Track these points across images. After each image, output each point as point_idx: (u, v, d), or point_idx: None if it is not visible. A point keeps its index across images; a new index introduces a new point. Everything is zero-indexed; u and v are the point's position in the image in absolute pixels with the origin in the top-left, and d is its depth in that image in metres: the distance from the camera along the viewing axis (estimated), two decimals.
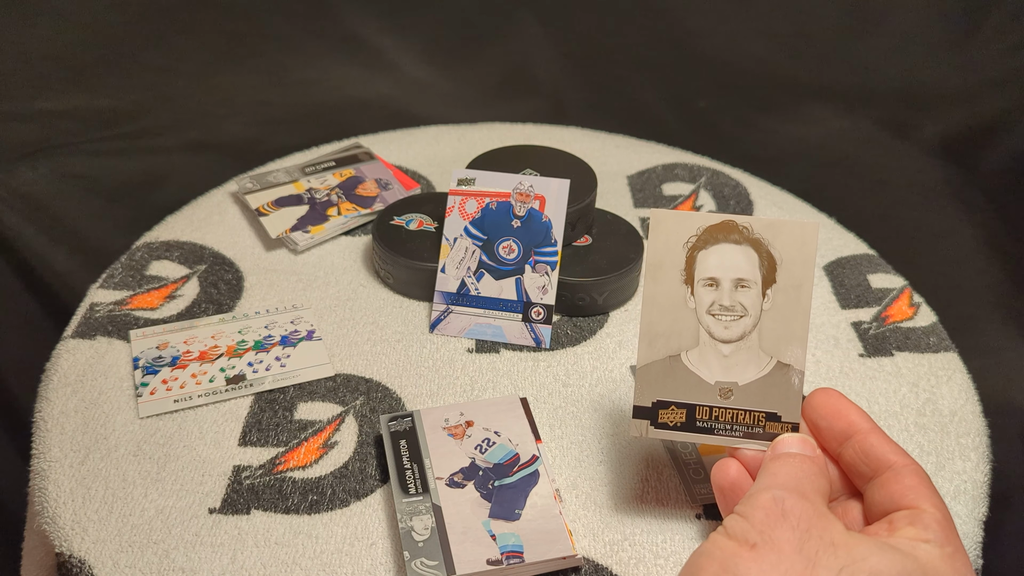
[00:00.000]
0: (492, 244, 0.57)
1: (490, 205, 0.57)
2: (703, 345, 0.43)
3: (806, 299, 0.43)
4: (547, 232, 0.57)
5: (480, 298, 0.57)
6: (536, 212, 0.57)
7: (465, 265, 0.57)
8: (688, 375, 0.42)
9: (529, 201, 0.57)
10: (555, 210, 0.57)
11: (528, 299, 0.57)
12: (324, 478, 0.48)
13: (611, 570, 0.44)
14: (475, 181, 0.58)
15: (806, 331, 0.42)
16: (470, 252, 0.57)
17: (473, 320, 0.57)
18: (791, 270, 0.43)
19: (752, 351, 0.42)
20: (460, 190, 0.58)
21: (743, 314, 0.43)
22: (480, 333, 0.57)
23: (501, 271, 0.57)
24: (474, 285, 0.57)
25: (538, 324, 0.57)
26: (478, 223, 0.57)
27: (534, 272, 0.57)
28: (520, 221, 0.57)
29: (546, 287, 0.57)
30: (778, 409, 0.42)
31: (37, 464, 0.49)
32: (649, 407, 0.42)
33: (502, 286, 0.57)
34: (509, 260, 0.57)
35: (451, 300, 0.57)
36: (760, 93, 0.85)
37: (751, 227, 0.43)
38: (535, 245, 0.57)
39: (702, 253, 0.43)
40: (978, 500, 0.49)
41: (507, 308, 0.57)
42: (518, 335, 0.57)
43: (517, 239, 0.57)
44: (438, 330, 0.57)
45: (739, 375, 0.42)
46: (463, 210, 0.58)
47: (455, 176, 0.59)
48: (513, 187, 0.58)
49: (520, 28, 0.87)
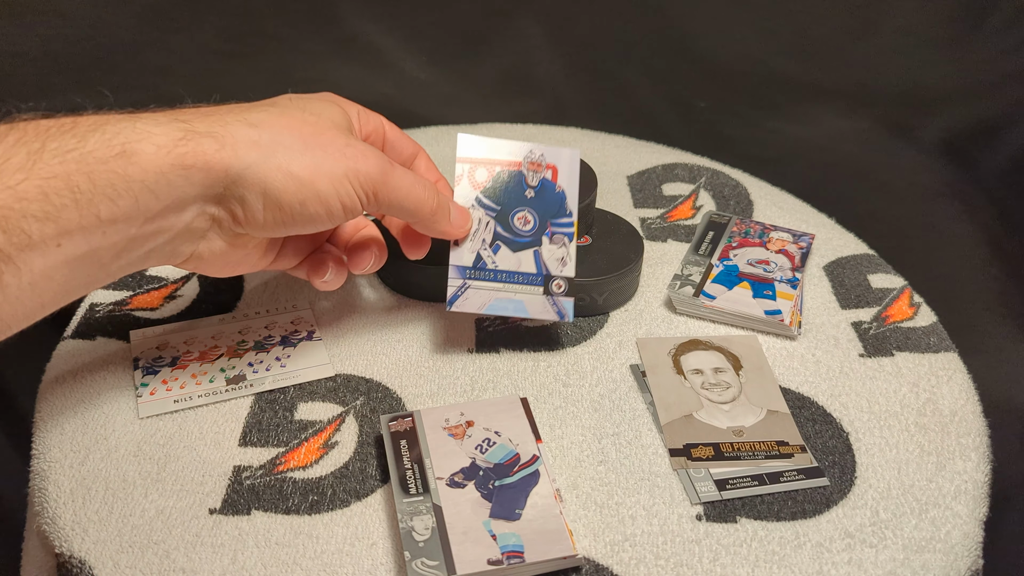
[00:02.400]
0: (507, 215, 0.54)
1: (501, 174, 0.54)
2: (708, 406, 0.53)
3: (769, 373, 0.56)
4: (561, 203, 0.55)
5: (499, 271, 0.53)
6: (549, 182, 0.55)
7: (480, 237, 0.53)
8: (703, 426, 0.52)
9: (541, 171, 0.55)
10: (568, 180, 0.55)
11: (548, 271, 0.54)
12: (324, 478, 0.48)
13: (612, 570, 0.44)
14: (484, 148, 0.55)
15: (779, 392, 0.54)
16: (484, 223, 0.54)
17: (493, 295, 0.53)
18: (750, 359, 0.57)
19: (746, 406, 0.53)
20: (468, 157, 0.54)
21: (729, 385, 0.54)
22: (501, 308, 0.53)
23: (518, 243, 0.54)
24: (491, 258, 0.53)
25: (560, 297, 0.54)
26: (490, 193, 0.54)
27: (552, 243, 0.54)
28: (533, 191, 0.55)
29: (565, 259, 0.54)
30: (783, 437, 0.51)
31: (37, 464, 0.49)
32: (681, 448, 0.50)
33: (520, 258, 0.54)
34: (525, 232, 0.54)
35: (467, 275, 0.53)
36: (760, 93, 0.85)
37: (711, 341, 0.58)
38: (551, 216, 0.55)
39: (683, 357, 0.56)
40: (978, 500, 0.49)
41: (527, 281, 0.54)
42: (540, 309, 0.54)
43: (532, 209, 0.54)
44: (456, 307, 0.53)
45: (742, 421, 0.52)
46: (473, 179, 0.54)
47: (462, 142, 0.54)
48: (524, 156, 0.55)
49: (520, 28, 0.87)
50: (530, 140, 0.77)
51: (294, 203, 0.43)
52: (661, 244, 0.67)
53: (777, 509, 0.47)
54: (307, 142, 0.43)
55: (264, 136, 0.42)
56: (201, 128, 0.40)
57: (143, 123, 0.39)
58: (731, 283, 0.61)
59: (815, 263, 0.66)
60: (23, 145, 0.37)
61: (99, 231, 0.39)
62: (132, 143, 0.39)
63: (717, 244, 0.65)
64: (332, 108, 0.47)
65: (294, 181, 0.42)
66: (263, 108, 0.44)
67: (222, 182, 0.41)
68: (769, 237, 0.66)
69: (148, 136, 0.39)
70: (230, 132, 0.41)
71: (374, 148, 0.46)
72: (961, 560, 0.45)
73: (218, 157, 0.40)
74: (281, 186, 0.42)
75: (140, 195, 0.39)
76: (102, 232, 0.39)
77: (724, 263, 0.63)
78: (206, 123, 0.41)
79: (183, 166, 0.39)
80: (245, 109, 0.43)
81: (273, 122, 0.43)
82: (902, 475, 0.49)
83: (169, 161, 0.39)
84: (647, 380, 0.54)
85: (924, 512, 0.47)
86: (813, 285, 0.64)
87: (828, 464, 0.50)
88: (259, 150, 0.42)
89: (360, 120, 0.49)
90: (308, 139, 0.43)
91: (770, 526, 0.46)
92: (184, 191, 0.40)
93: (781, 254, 0.64)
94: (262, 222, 0.43)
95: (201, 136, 0.40)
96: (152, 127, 0.39)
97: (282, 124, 0.43)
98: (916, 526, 0.47)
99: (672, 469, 0.49)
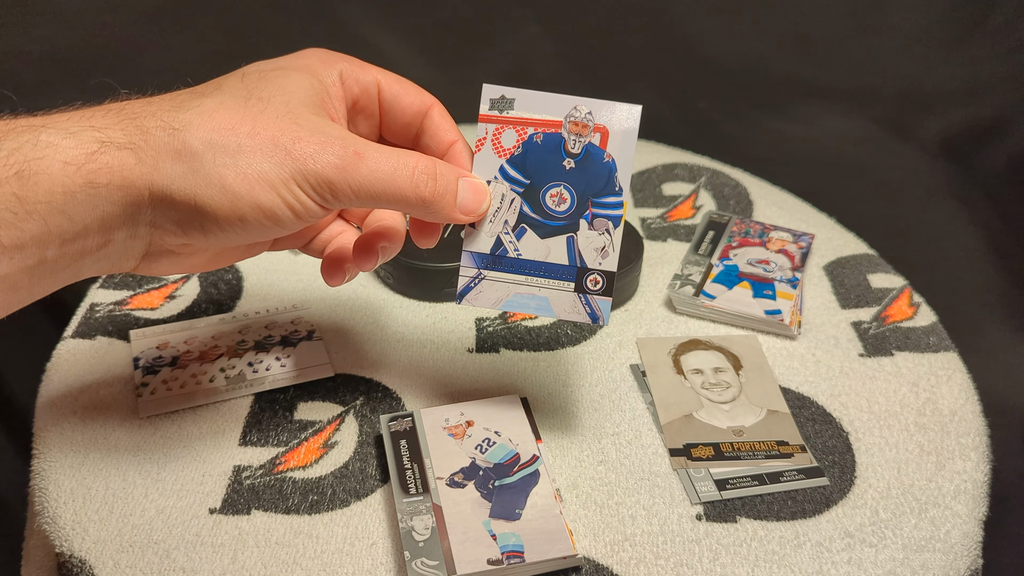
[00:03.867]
0: (537, 191, 0.44)
1: (535, 138, 0.44)
2: (708, 406, 0.53)
3: (769, 373, 0.55)
4: (610, 176, 0.44)
5: (521, 261, 0.44)
6: (596, 149, 0.44)
7: (502, 218, 0.44)
8: (704, 426, 0.52)
9: (587, 134, 0.44)
10: (621, 148, 0.44)
11: (583, 263, 0.44)
12: (324, 478, 0.48)
13: (611, 570, 0.44)
14: (515, 102, 0.44)
15: (779, 392, 0.54)
16: (508, 201, 0.44)
17: (512, 289, 0.45)
18: (750, 359, 0.56)
19: (746, 406, 0.53)
20: (494, 115, 0.44)
21: (729, 385, 0.54)
22: (521, 305, 0.45)
23: (549, 227, 0.44)
24: (513, 244, 0.44)
25: (595, 296, 0.45)
26: (518, 162, 0.44)
27: (591, 229, 0.44)
28: (574, 161, 0.44)
29: (607, 249, 0.44)
30: (783, 437, 0.51)
31: (37, 464, 0.49)
32: (682, 448, 0.50)
33: (549, 246, 0.44)
34: (559, 213, 0.44)
35: (484, 263, 0.45)
36: (760, 93, 0.85)
37: (711, 341, 0.57)
38: (593, 193, 0.44)
39: (683, 357, 0.56)
40: (978, 500, 0.49)
41: (556, 275, 0.44)
42: (569, 309, 0.45)
43: (570, 185, 0.44)
44: (467, 300, 0.45)
45: (742, 421, 0.52)
46: (498, 143, 0.44)
47: (486, 95, 0.44)
48: (566, 114, 0.44)
49: (520, 28, 0.87)
50: None
51: (232, 219, 0.36)
52: (661, 244, 0.67)
53: (777, 509, 0.47)
54: (242, 143, 0.36)
55: (191, 141, 0.35)
56: (118, 138, 0.35)
57: (50, 133, 0.34)
58: (731, 283, 0.61)
59: (815, 263, 0.66)
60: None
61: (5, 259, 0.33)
62: (32, 161, 0.33)
63: (717, 244, 0.65)
64: (297, 81, 0.39)
65: (227, 195, 0.36)
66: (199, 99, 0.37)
67: (147, 201, 0.35)
68: (769, 237, 0.66)
69: (53, 151, 0.33)
70: (151, 141, 0.35)
71: (335, 135, 0.38)
72: (961, 560, 0.45)
73: (137, 172, 0.35)
74: (214, 202, 0.36)
75: (49, 217, 0.33)
76: (8, 258, 0.33)
77: (724, 263, 0.63)
78: (126, 131, 0.35)
79: (94, 184, 0.34)
80: (177, 105, 0.37)
81: (202, 122, 0.36)
82: (902, 475, 0.49)
83: (79, 180, 0.34)
84: (647, 380, 0.54)
85: (924, 512, 0.47)
86: (813, 285, 0.64)
87: (828, 464, 0.50)
88: (183, 161, 0.35)
89: (345, 83, 0.42)
90: (244, 138, 0.36)
91: (770, 526, 0.46)
92: (104, 210, 0.35)
93: (781, 254, 0.64)
94: (204, 238, 0.37)
95: (117, 148, 0.34)
96: (60, 138, 0.34)
97: (215, 122, 0.36)
98: (916, 526, 0.47)
99: (672, 469, 0.49)
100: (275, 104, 0.37)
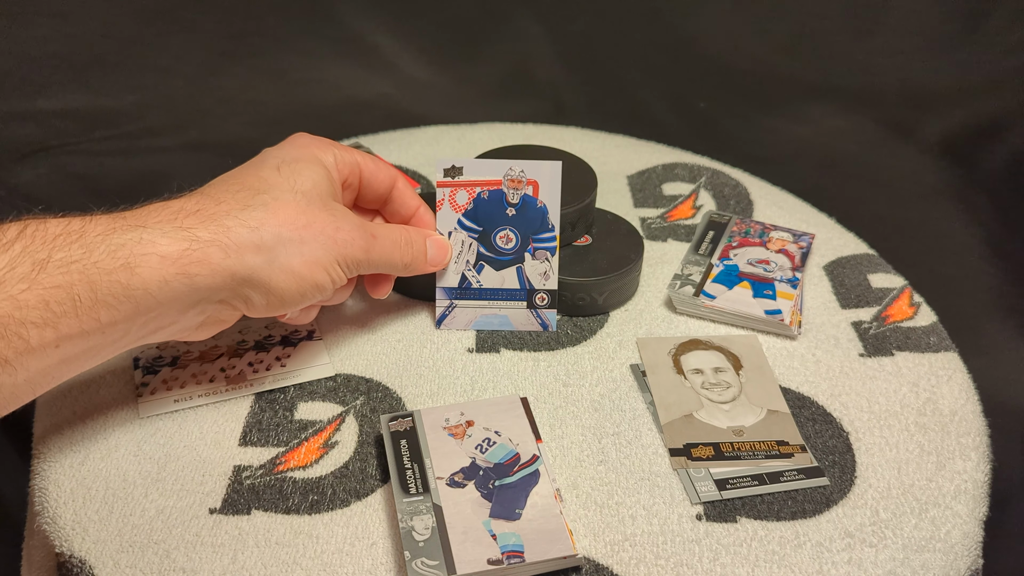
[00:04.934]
0: (489, 235, 0.56)
1: (482, 195, 0.55)
2: (708, 406, 0.53)
3: (769, 373, 0.56)
4: (543, 218, 0.56)
5: (483, 290, 0.56)
6: (530, 198, 0.55)
7: (464, 259, 0.56)
8: (704, 426, 0.52)
9: (522, 187, 0.55)
10: (549, 194, 0.55)
11: (531, 286, 0.56)
12: (324, 478, 0.48)
13: (612, 570, 0.44)
14: (463, 169, 0.55)
15: (779, 392, 0.54)
16: (467, 245, 0.56)
17: (479, 312, 0.57)
18: (750, 359, 0.56)
19: (746, 406, 0.53)
20: (448, 181, 0.55)
21: (729, 385, 0.54)
22: (487, 324, 0.57)
23: (501, 261, 0.56)
24: (475, 278, 0.56)
25: (543, 309, 0.57)
26: (471, 215, 0.55)
27: (534, 259, 0.56)
28: (515, 209, 0.55)
29: (547, 273, 0.56)
30: (784, 437, 0.51)
31: (37, 464, 0.49)
32: (682, 448, 0.50)
33: (504, 276, 0.56)
34: (507, 250, 0.56)
35: (454, 295, 0.56)
36: (760, 93, 0.85)
37: (711, 341, 0.57)
38: (532, 232, 0.56)
39: (683, 356, 0.56)
40: (978, 500, 0.49)
41: (511, 297, 0.56)
42: (524, 321, 0.57)
43: (514, 227, 0.56)
44: (445, 325, 0.57)
45: (742, 421, 0.52)
46: (454, 202, 0.55)
47: (439, 166, 0.55)
48: (504, 174, 0.55)
49: (520, 28, 0.87)
50: (530, 140, 0.78)
51: (295, 295, 0.46)
52: (661, 244, 0.67)
53: (777, 509, 0.47)
54: (302, 235, 0.45)
55: (266, 237, 0.44)
56: (205, 236, 0.42)
57: (150, 232, 0.41)
58: (731, 283, 0.61)
59: (815, 263, 0.66)
60: (29, 255, 0.38)
61: (98, 333, 0.40)
62: (137, 255, 0.40)
63: (717, 244, 0.65)
64: (315, 173, 0.48)
65: (295, 278, 0.45)
66: (258, 202, 0.45)
67: (228, 286, 0.43)
68: (769, 237, 0.66)
69: (153, 247, 0.41)
70: (233, 239, 0.43)
71: (357, 223, 0.48)
72: (961, 560, 0.45)
73: (225, 264, 0.42)
74: (284, 284, 0.45)
75: (141, 300, 0.41)
76: (101, 333, 0.40)
77: (724, 263, 0.63)
78: (209, 230, 0.42)
79: (188, 275, 0.41)
80: (241, 207, 0.44)
81: (270, 219, 0.44)
82: (902, 475, 0.49)
83: (174, 271, 0.41)
84: (647, 380, 0.54)
85: (924, 512, 0.47)
86: (813, 285, 0.64)
87: (828, 464, 0.50)
88: (262, 254, 0.43)
89: (338, 166, 0.50)
90: (303, 230, 0.45)
91: (770, 526, 0.46)
92: (188, 296, 0.42)
93: (781, 254, 0.64)
94: (264, 310, 0.46)
95: (207, 245, 0.42)
96: (157, 236, 0.41)
97: (280, 219, 0.44)
98: (916, 526, 0.47)
99: (672, 469, 0.49)
100: (312, 197, 0.47)
